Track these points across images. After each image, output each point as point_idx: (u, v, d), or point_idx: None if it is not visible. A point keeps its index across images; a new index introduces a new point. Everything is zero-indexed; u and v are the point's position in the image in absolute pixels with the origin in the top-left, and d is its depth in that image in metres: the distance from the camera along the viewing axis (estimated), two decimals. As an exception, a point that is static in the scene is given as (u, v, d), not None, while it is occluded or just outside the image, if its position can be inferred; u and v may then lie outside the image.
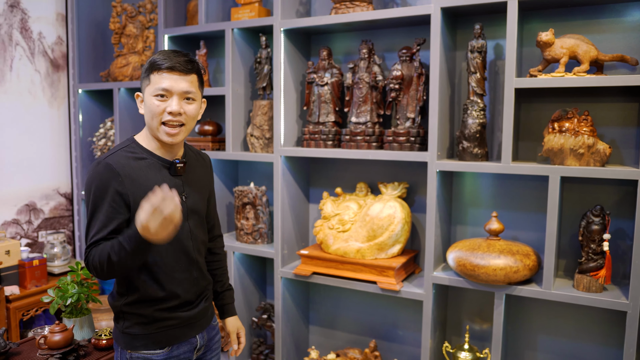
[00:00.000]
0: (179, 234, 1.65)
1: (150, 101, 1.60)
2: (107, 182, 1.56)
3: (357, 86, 2.55)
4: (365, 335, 2.91)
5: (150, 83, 1.60)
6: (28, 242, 3.42)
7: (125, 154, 1.62)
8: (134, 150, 1.64)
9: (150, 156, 1.65)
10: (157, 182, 1.60)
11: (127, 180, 1.57)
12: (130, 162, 1.60)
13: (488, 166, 2.22)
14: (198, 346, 1.78)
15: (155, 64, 1.59)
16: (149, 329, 1.65)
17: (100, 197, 1.56)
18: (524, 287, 2.21)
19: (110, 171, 1.56)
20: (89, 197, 1.59)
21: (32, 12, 3.32)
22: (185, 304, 1.71)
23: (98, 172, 1.57)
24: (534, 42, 2.33)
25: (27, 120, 3.35)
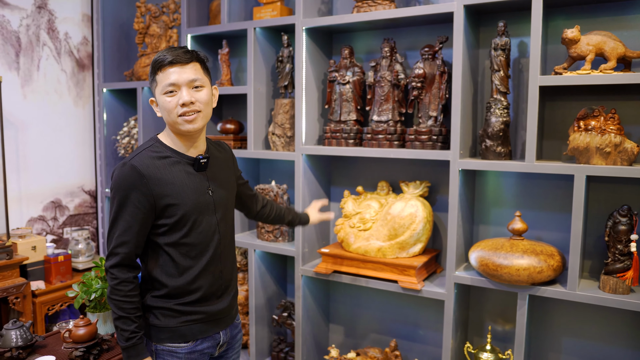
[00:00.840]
0: (206, 228, 1.70)
1: (163, 100, 1.63)
2: (132, 184, 1.59)
3: (379, 84, 2.54)
4: (385, 334, 2.90)
5: (157, 83, 1.64)
6: (53, 239, 3.48)
7: (150, 154, 1.64)
8: (158, 149, 1.66)
9: (174, 154, 1.67)
10: (182, 179, 1.65)
11: (152, 182, 1.60)
12: (155, 161, 1.63)
13: (512, 165, 2.19)
14: (221, 342, 1.80)
15: (157, 62, 1.62)
16: (174, 322, 1.68)
17: (125, 198, 1.59)
18: (548, 287, 2.17)
19: (136, 173, 1.59)
20: (114, 197, 1.62)
21: (58, 13, 3.38)
22: (210, 298, 1.73)
23: (124, 173, 1.60)
24: (558, 40, 2.30)
25: (53, 119, 3.41)
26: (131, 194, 1.58)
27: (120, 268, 1.61)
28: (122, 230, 1.60)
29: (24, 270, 3.02)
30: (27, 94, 3.26)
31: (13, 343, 1.88)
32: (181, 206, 1.63)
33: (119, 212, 1.60)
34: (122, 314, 1.60)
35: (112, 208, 1.62)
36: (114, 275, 1.60)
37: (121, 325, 1.60)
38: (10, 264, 2.83)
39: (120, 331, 1.61)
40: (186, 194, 1.65)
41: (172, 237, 1.65)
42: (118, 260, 1.60)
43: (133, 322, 1.61)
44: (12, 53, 3.16)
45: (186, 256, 1.67)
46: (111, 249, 1.62)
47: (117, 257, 1.60)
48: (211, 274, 1.73)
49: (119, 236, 1.60)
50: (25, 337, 1.91)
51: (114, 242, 1.61)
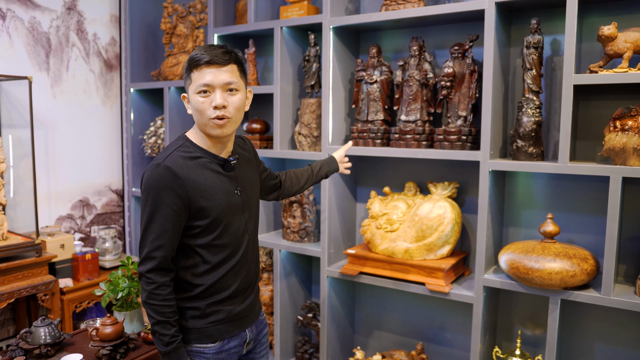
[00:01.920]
0: (236, 229, 1.69)
1: (195, 99, 1.59)
2: (167, 185, 1.55)
3: (407, 84, 2.51)
4: (410, 337, 2.86)
5: (192, 81, 1.60)
6: (81, 237, 3.52)
7: (181, 154, 1.61)
8: (189, 149, 1.63)
9: (204, 154, 1.65)
10: (213, 180, 1.63)
11: (186, 183, 1.58)
12: (186, 162, 1.60)
13: (544, 166, 2.14)
14: (247, 340, 1.80)
15: (194, 60, 1.58)
16: (201, 323, 1.67)
17: (160, 200, 1.56)
18: (581, 292, 2.11)
19: (170, 173, 1.55)
20: (147, 199, 1.58)
21: (87, 14, 3.42)
22: (236, 297, 1.73)
23: (158, 174, 1.56)
24: (592, 37, 2.23)
25: (81, 119, 3.45)
26: (166, 196, 1.55)
27: (157, 272, 1.58)
28: (158, 233, 1.56)
29: (53, 268, 3.05)
30: (57, 94, 3.30)
31: (42, 340, 1.90)
32: (214, 208, 1.62)
33: (153, 215, 1.56)
34: (161, 319, 1.57)
35: (145, 210, 1.58)
36: (151, 279, 1.57)
37: (160, 330, 1.58)
38: (40, 262, 2.86)
39: (160, 336, 1.59)
40: (218, 195, 1.63)
41: (205, 239, 1.64)
42: (155, 264, 1.57)
43: (172, 325, 1.59)
44: (42, 54, 3.21)
45: (217, 257, 1.66)
46: (146, 253, 1.58)
47: (154, 261, 1.57)
48: (239, 274, 1.72)
49: (155, 240, 1.56)
50: (54, 334, 1.93)
51: (149, 245, 1.57)
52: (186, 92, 1.65)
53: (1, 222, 2.79)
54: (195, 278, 1.65)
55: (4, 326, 3.16)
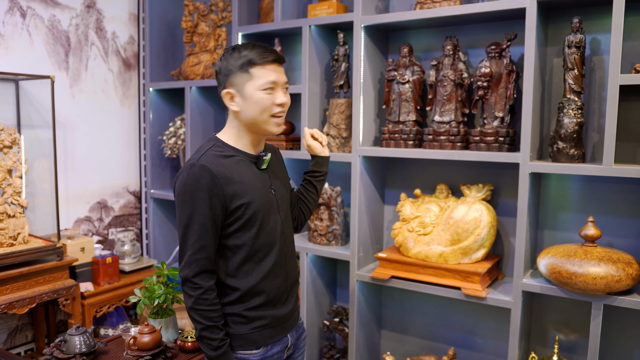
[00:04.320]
0: (273, 227, 1.68)
1: (258, 95, 1.59)
2: (204, 185, 1.54)
3: (441, 84, 2.45)
4: (439, 342, 2.81)
5: (252, 78, 1.59)
6: (99, 240, 3.46)
7: (214, 153, 1.60)
8: (221, 148, 1.63)
9: (237, 153, 1.64)
10: (248, 177, 1.63)
11: (222, 181, 1.56)
12: (221, 160, 1.59)
13: (588, 168, 2.08)
14: (289, 345, 1.79)
15: (260, 57, 1.58)
16: (245, 329, 1.65)
17: (199, 200, 1.54)
18: (626, 297, 2.06)
19: (207, 172, 1.54)
20: (184, 201, 1.56)
21: (106, 12, 3.36)
22: (277, 301, 1.71)
23: (194, 174, 1.54)
24: (633, 36, 2.18)
25: (99, 119, 3.39)
26: (204, 195, 1.53)
27: (202, 275, 1.55)
28: (199, 234, 1.54)
29: (73, 272, 2.99)
30: (76, 94, 3.24)
31: (77, 349, 1.84)
32: (251, 205, 1.60)
33: (193, 216, 1.54)
34: (209, 324, 1.56)
35: (184, 212, 1.55)
36: (198, 284, 1.54)
37: (209, 335, 1.56)
38: (61, 266, 2.80)
39: (208, 341, 1.57)
40: (255, 192, 1.62)
41: (242, 239, 1.62)
42: (200, 267, 1.55)
43: (220, 329, 1.58)
44: (61, 53, 3.14)
45: (255, 258, 1.64)
46: (188, 256, 1.55)
47: (198, 265, 1.55)
48: (278, 276, 1.70)
49: (196, 241, 1.54)
50: (89, 343, 1.87)
51: (192, 248, 1.54)
52: (234, 87, 1.61)
53: (22, 225, 2.72)
54: (234, 281, 1.63)
55: (22, 331, 3.10)
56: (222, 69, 1.61)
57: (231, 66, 1.59)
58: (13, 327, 3.05)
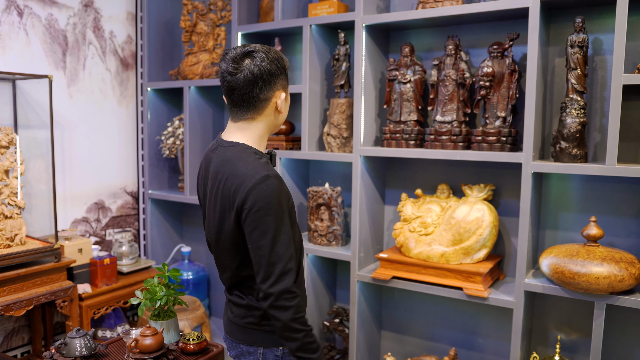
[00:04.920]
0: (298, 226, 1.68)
1: (289, 99, 1.67)
2: (283, 194, 1.52)
3: (443, 84, 2.45)
4: (440, 342, 2.80)
5: (288, 82, 1.65)
6: (96, 240, 3.43)
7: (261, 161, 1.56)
8: (259, 155, 1.59)
9: (264, 155, 1.63)
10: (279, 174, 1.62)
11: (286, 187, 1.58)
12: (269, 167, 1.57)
13: (591, 168, 2.08)
14: None
15: (288, 63, 1.64)
16: None
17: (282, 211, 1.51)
18: (629, 297, 2.06)
19: (282, 182, 1.54)
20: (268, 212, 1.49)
21: (104, 11, 3.33)
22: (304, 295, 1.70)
23: (273, 185, 1.49)
24: (636, 36, 2.19)
25: (97, 119, 3.36)
26: (284, 206, 1.52)
27: (295, 283, 1.52)
28: (287, 243, 1.50)
29: (70, 273, 2.96)
30: (73, 94, 3.21)
31: (78, 352, 1.82)
32: (293, 203, 1.62)
33: (280, 227, 1.50)
34: (309, 328, 1.52)
35: (269, 226, 1.48)
36: (295, 292, 1.49)
37: (310, 339, 1.52)
38: (59, 267, 2.78)
39: (310, 345, 1.52)
40: None
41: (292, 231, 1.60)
42: (294, 275, 1.51)
43: None
44: (59, 52, 3.11)
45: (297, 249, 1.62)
46: (282, 268, 1.49)
47: (292, 273, 1.50)
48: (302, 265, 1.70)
49: (286, 251, 1.50)
50: (89, 346, 1.85)
51: (283, 259, 1.49)
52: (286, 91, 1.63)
53: (19, 226, 2.70)
54: None
55: (18, 333, 3.06)
56: (272, 71, 1.56)
57: (280, 69, 1.59)
58: (10, 329, 3.01)
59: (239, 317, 1.66)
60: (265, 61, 1.53)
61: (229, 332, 1.71)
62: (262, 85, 1.55)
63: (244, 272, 1.62)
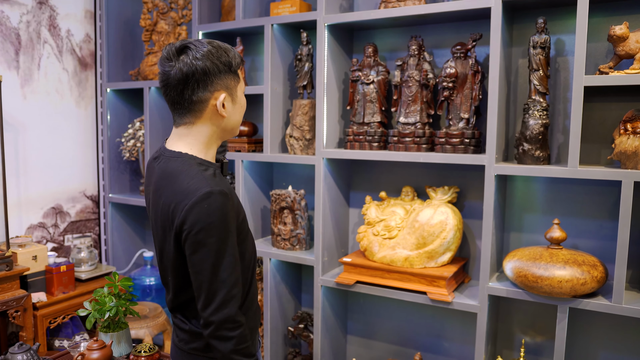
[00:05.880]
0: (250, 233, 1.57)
1: (244, 99, 1.51)
2: (228, 212, 1.36)
3: (406, 84, 2.41)
4: (406, 346, 2.76)
5: (239, 81, 1.47)
6: (54, 247, 3.31)
7: (206, 173, 1.40)
8: (203, 165, 1.43)
9: (211, 165, 1.47)
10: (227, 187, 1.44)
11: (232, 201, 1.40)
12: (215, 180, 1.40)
13: (554, 170, 2.06)
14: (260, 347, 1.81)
15: (240, 60, 1.46)
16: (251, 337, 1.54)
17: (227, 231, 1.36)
18: (591, 300, 2.05)
19: (227, 198, 1.36)
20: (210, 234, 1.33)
21: (60, 9, 3.21)
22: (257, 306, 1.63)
23: (216, 203, 1.33)
24: (597, 37, 2.17)
25: (54, 121, 3.24)
26: (230, 225, 1.37)
27: (239, 310, 1.39)
28: (232, 267, 1.36)
29: (24, 282, 2.84)
30: (27, 94, 3.09)
31: (21, 366, 1.72)
32: (245, 217, 1.50)
33: (224, 249, 1.35)
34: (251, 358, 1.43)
35: (211, 248, 1.34)
36: (239, 322, 1.37)
37: None
38: (10, 276, 2.65)
39: None
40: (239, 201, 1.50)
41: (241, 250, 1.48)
42: (238, 302, 1.38)
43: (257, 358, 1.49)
44: (11, 51, 2.99)
45: (247, 263, 1.52)
46: (225, 294, 1.35)
47: (236, 300, 1.37)
48: (254, 277, 1.60)
49: (231, 275, 1.36)
50: None
51: (227, 284, 1.35)
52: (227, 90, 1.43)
53: (-32, 232, 2.57)
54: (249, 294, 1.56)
55: (-30, 344, 2.93)
56: (211, 69, 1.37)
57: (221, 65, 1.40)
58: (-40, 341, 2.88)
59: (183, 342, 1.53)
60: (198, 58, 1.35)
61: (173, 357, 1.59)
62: (195, 85, 1.37)
63: (185, 296, 1.48)
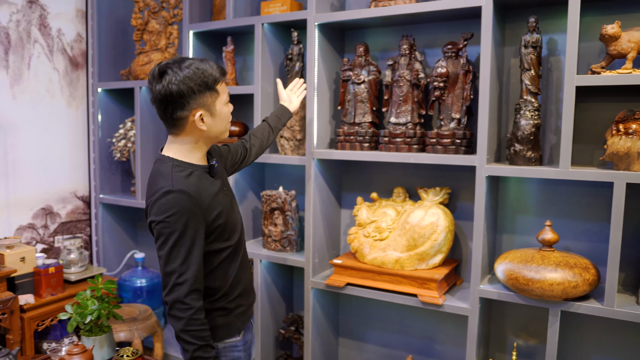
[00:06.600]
0: (237, 226, 1.79)
1: (227, 110, 1.71)
2: (187, 208, 1.57)
3: (397, 84, 2.38)
4: (398, 349, 2.73)
5: (219, 94, 1.66)
6: (44, 248, 3.28)
7: (181, 174, 1.62)
8: (181, 168, 1.65)
9: (194, 167, 1.68)
10: (212, 188, 1.69)
11: (199, 200, 1.61)
12: (188, 180, 1.62)
13: (546, 171, 2.03)
14: (252, 329, 1.95)
15: (219, 74, 1.65)
16: (228, 319, 1.75)
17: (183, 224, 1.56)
18: (583, 303, 2.02)
19: (186, 196, 1.57)
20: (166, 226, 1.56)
21: (51, 8, 3.19)
22: (248, 288, 1.85)
23: (174, 200, 1.56)
24: (589, 37, 2.15)
25: (44, 121, 3.21)
26: (187, 218, 1.57)
27: (192, 296, 1.57)
28: (185, 255, 1.57)
29: (12, 283, 2.81)
30: (17, 95, 3.06)
31: (1, 370, 1.69)
32: (222, 213, 1.69)
33: (179, 239, 1.56)
34: (202, 343, 1.58)
35: (168, 238, 1.56)
36: (188, 304, 1.56)
37: (203, 354, 1.59)
38: (-3, 277, 2.63)
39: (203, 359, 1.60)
40: (220, 200, 1.70)
41: (221, 244, 1.71)
42: (189, 287, 1.56)
43: (212, 347, 1.63)
44: (0, 51, 2.96)
45: (231, 256, 1.75)
46: (176, 279, 1.56)
47: (187, 285, 1.56)
48: (245, 266, 1.84)
49: (184, 263, 1.56)
50: (15, 362, 1.72)
51: (179, 270, 1.56)
52: (203, 107, 1.63)
53: (-45, 233, 2.54)
54: (216, 281, 1.72)
55: (-42, 346, 2.89)
56: (186, 91, 1.56)
57: (198, 86, 1.59)
58: (-53, 343, 2.85)
59: None
60: (174, 83, 1.54)
61: None
62: (173, 106, 1.57)
63: None
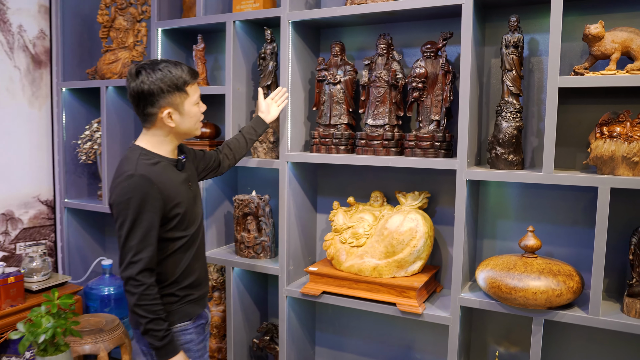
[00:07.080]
0: (196, 219, 1.90)
1: (196, 109, 1.84)
2: (146, 192, 1.69)
3: (374, 85, 2.29)
4: (376, 358, 2.65)
5: (189, 95, 1.79)
6: (4, 255, 3.11)
7: (145, 162, 1.75)
8: (147, 157, 1.78)
9: (161, 159, 1.81)
10: (175, 179, 1.82)
11: (160, 186, 1.73)
12: (153, 168, 1.75)
13: (528, 176, 1.96)
14: (208, 320, 2.03)
15: (191, 76, 1.79)
16: (179, 305, 1.86)
17: (141, 206, 1.68)
18: (567, 312, 1.95)
19: (147, 181, 1.70)
20: (126, 208, 1.68)
21: (11, 3, 3.02)
22: (201, 279, 1.96)
23: (135, 183, 1.69)
24: (571, 37, 2.09)
25: (4, 122, 3.04)
26: (145, 202, 1.69)
27: (144, 273, 1.69)
28: (142, 236, 1.68)
29: (-31, 294, 2.65)
30: (-25, 93, 2.90)
31: (-54, 393, 1.55)
32: (182, 204, 1.81)
33: (136, 220, 1.68)
34: (154, 317, 1.70)
35: (126, 219, 1.69)
36: (140, 281, 1.68)
37: (154, 327, 1.70)
38: (-48, 287, 2.47)
39: (154, 332, 1.71)
40: (182, 192, 1.82)
41: (177, 233, 1.81)
42: (142, 265, 1.68)
43: (164, 321, 1.73)
44: (-44, 47, 2.80)
45: (186, 246, 1.85)
46: (131, 257, 1.68)
47: (141, 263, 1.68)
48: (200, 259, 1.95)
49: (140, 243, 1.68)
50: (-38, 384, 1.58)
51: (135, 249, 1.68)
52: (172, 105, 1.76)
53: None
54: (169, 268, 1.82)
55: None
56: (156, 91, 1.72)
57: (168, 87, 1.73)
58: None
59: None
60: (145, 82, 1.71)
61: None
62: (144, 103, 1.74)
63: None
